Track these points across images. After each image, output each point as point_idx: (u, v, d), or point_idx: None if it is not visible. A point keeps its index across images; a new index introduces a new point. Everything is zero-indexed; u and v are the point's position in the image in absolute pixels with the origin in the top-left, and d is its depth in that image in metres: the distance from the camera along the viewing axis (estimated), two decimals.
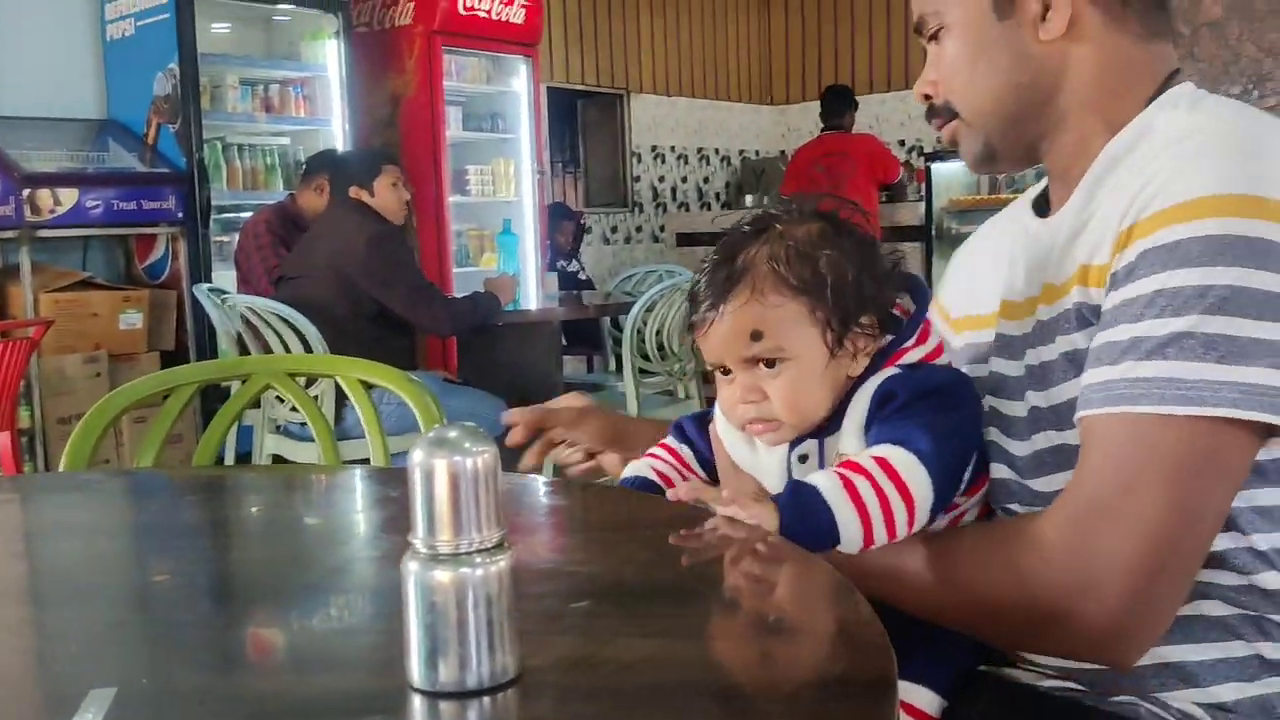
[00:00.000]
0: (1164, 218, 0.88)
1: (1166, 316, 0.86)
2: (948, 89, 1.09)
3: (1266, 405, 0.84)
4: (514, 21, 5.93)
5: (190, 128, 4.82)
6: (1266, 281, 0.84)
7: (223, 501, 1.29)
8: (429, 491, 0.63)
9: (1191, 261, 0.86)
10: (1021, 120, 1.06)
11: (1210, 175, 0.88)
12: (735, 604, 0.82)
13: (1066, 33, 1.02)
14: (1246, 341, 0.84)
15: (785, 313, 0.98)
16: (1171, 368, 0.86)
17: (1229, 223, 0.85)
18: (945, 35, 1.07)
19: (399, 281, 3.58)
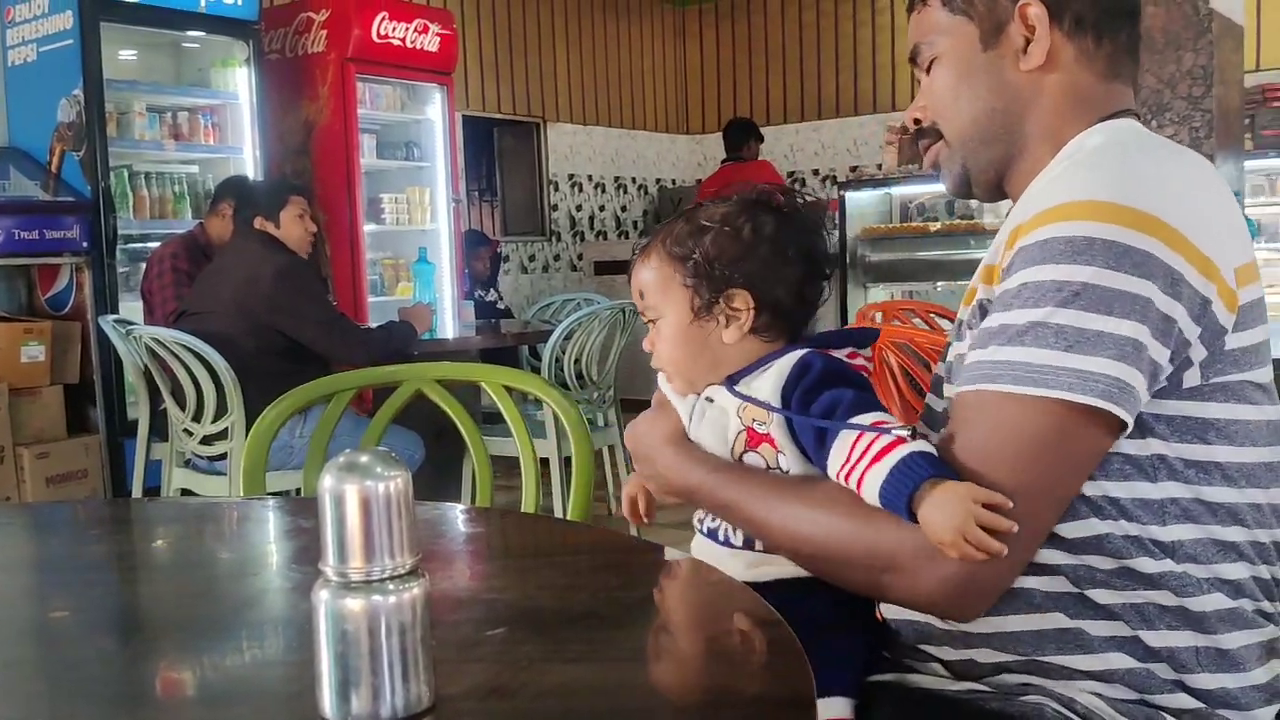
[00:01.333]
0: (1040, 219, 0.97)
1: (1029, 307, 0.95)
2: (935, 113, 1.18)
3: (1101, 392, 0.92)
4: (428, 50, 5.91)
5: (95, 155, 4.70)
6: (1118, 281, 0.92)
7: (130, 534, 1.25)
8: (340, 517, 0.62)
9: (1055, 258, 0.94)
10: (992, 143, 1.15)
11: (1084, 183, 0.97)
12: (652, 628, 0.81)
13: (1043, 64, 1.11)
14: (1093, 334, 0.92)
15: (659, 276, 1.13)
16: (1026, 353, 0.94)
17: (1092, 226, 0.94)
18: (937, 65, 1.16)
19: (309, 314, 3.52)
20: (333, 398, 1.85)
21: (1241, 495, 1.00)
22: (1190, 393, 0.98)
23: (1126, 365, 0.93)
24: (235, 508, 1.40)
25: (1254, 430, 1.01)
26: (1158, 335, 0.94)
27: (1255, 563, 1.02)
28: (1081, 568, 0.99)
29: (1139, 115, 1.16)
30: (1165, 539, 0.99)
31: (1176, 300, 0.94)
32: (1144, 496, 0.98)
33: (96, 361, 4.72)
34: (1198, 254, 0.94)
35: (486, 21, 7.73)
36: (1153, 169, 0.99)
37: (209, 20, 5.15)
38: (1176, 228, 0.94)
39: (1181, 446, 0.99)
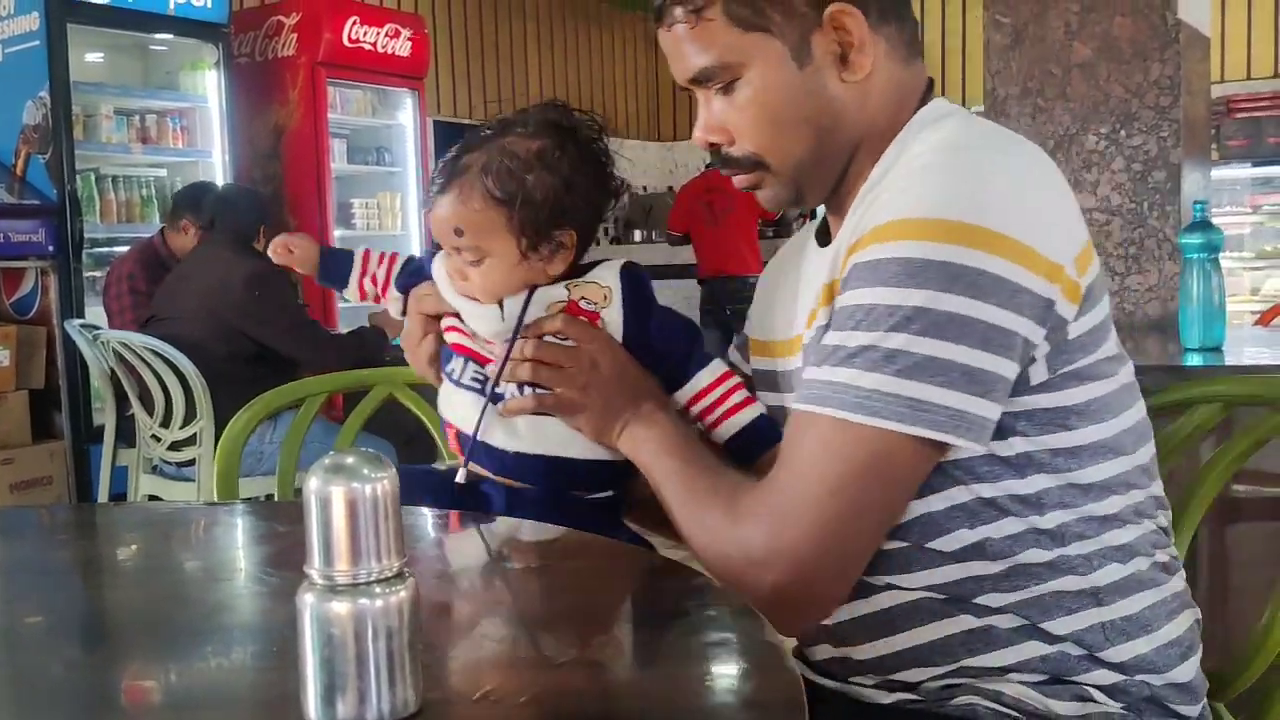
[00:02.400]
0: (873, 235, 0.95)
1: (861, 330, 0.94)
2: (752, 143, 1.08)
3: (929, 422, 0.91)
4: (399, 54, 5.89)
5: (62, 158, 4.65)
6: (952, 304, 0.90)
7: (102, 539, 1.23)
8: (325, 520, 0.61)
9: (887, 281, 0.92)
10: (827, 160, 1.09)
11: (917, 199, 0.94)
12: (640, 633, 0.81)
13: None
14: (923, 358, 0.91)
15: (484, 218, 1.12)
16: (855, 376, 0.93)
17: (924, 246, 0.91)
18: (739, 86, 1.06)
19: (279, 319, 3.49)
20: (303, 403, 1.84)
21: (1112, 468, 1.01)
22: (1041, 386, 0.97)
23: (957, 392, 0.92)
24: (209, 512, 1.38)
25: (1112, 400, 1.01)
26: (996, 350, 0.92)
27: (1139, 522, 1.04)
28: (968, 578, 1.00)
29: (932, 83, 1.13)
30: (1048, 527, 0.99)
31: (1017, 313, 0.92)
32: (1017, 493, 0.99)
33: (62, 366, 4.67)
34: (1038, 259, 0.93)
35: (458, 26, 7.71)
36: (983, 172, 0.96)
37: (178, 23, 5.11)
38: (1013, 237, 0.92)
39: (1045, 438, 0.98)
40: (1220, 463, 1.28)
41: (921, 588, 1.01)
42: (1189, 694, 1.03)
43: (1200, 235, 2.35)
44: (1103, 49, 3.12)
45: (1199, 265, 2.36)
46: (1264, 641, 1.18)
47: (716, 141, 1.10)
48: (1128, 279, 3.07)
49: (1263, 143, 5.94)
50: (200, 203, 4.07)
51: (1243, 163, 6.03)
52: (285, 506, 1.25)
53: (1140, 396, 1.07)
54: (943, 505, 0.99)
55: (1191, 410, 1.29)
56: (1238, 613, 2.33)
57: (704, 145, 1.12)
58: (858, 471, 0.94)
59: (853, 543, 0.97)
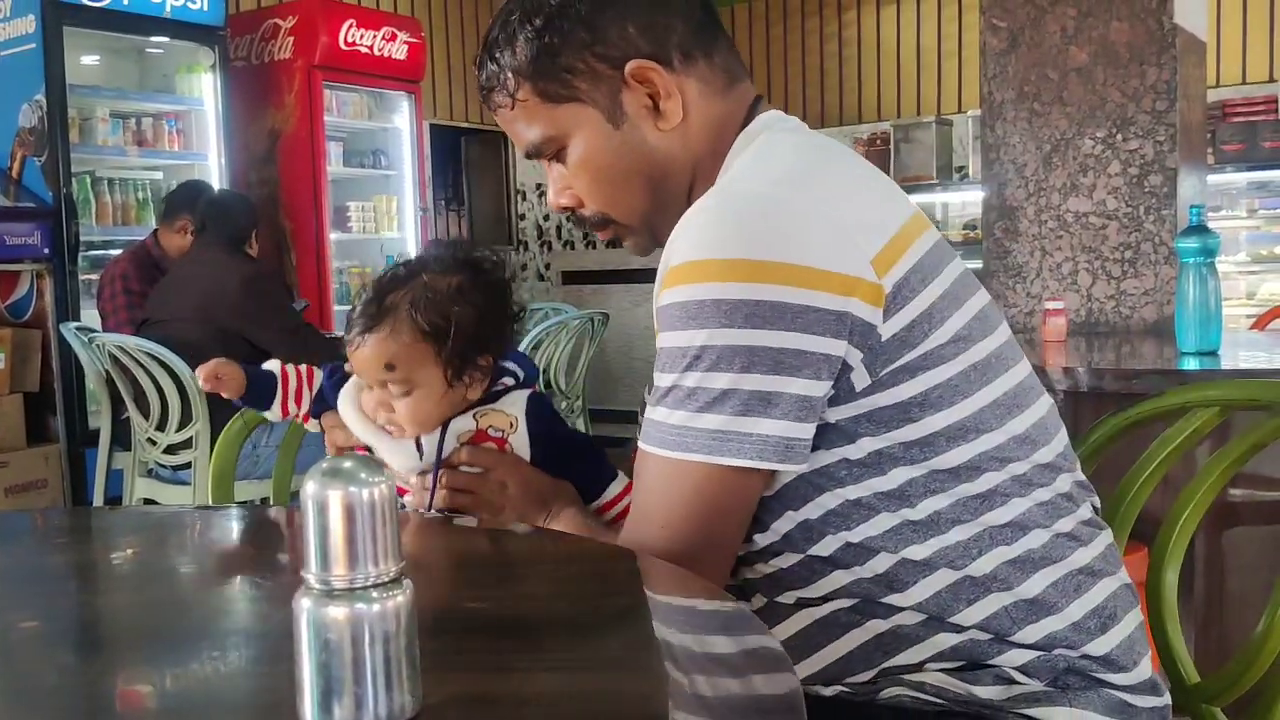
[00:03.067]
0: (664, 281, 0.99)
1: (665, 371, 0.98)
2: (593, 201, 1.15)
3: (733, 450, 0.95)
4: (396, 58, 5.89)
5: (58, 161, 4.65)
6: (735, 337, 0.93)
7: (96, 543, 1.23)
8: (323, 524, 0.61)
9: (674, 325, 0.97)
10: (669, 204, 1.12)
11: (696, 242, 0.97)
12: (634, 636, 0.80)
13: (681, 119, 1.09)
14: (718, 392, 0.94)
15: (414, 352, 1.20)
16: (666, 414, 0.98)
17: (702, 288, 0.94)
18: (569, 153, 1.12)
19: (274, 322, 3.49)
20: None
21: (975, 447, 1.00)
22: (869, 389, 0.98)
23: (757, 418, 0.94)
24: (205, 516, 1.38)
25: (960, 382, 1.00)
26: (790, 373, 0.94)
27: (1025, 493, 1.02)
28: (866, 581, 1.00)
29: (760, 97, 1.15)
30: (921, 517, 0.99)
31: (804, 332, 0.94)
32: (882, 490, 0.99)
33: (57, 369, 4.67)
34: (821, 277, 0.94)
35: (455, 30, 7.71)
36: (762, 200, 0.98)
37: (174, 26, 5.11)
38: (791, 262, 0.93)
39: (892, 434, 0.99)
40: (1217, 467, 1.28)
41: (828, 597, 1.01)
42: (1114, 664, 1.02)
43: (1196, 239, 2.36)
44: (1099, 53, 3.12)
45: (1195, 269, 2.36)
46: (1262, 646, 1.18)
47: (568, 205, 1.17)
48: (1124, 283, 3.07)
49: (1258, 147, 5.95)
50: (197, 201, 4.07)
51: (1238, 167, 6.03)
52: (281, 510, 1.24)
53: (1011, 365, 1.06)
54: (817, 513, 1.00)
55: (1189, 414, 1.29)
56: (1235, 617, 2.33)
57: (559, 210, 1.18)
58: (684, 502, 0.97)
59: (699, 563, 0.97)
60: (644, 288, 6.76)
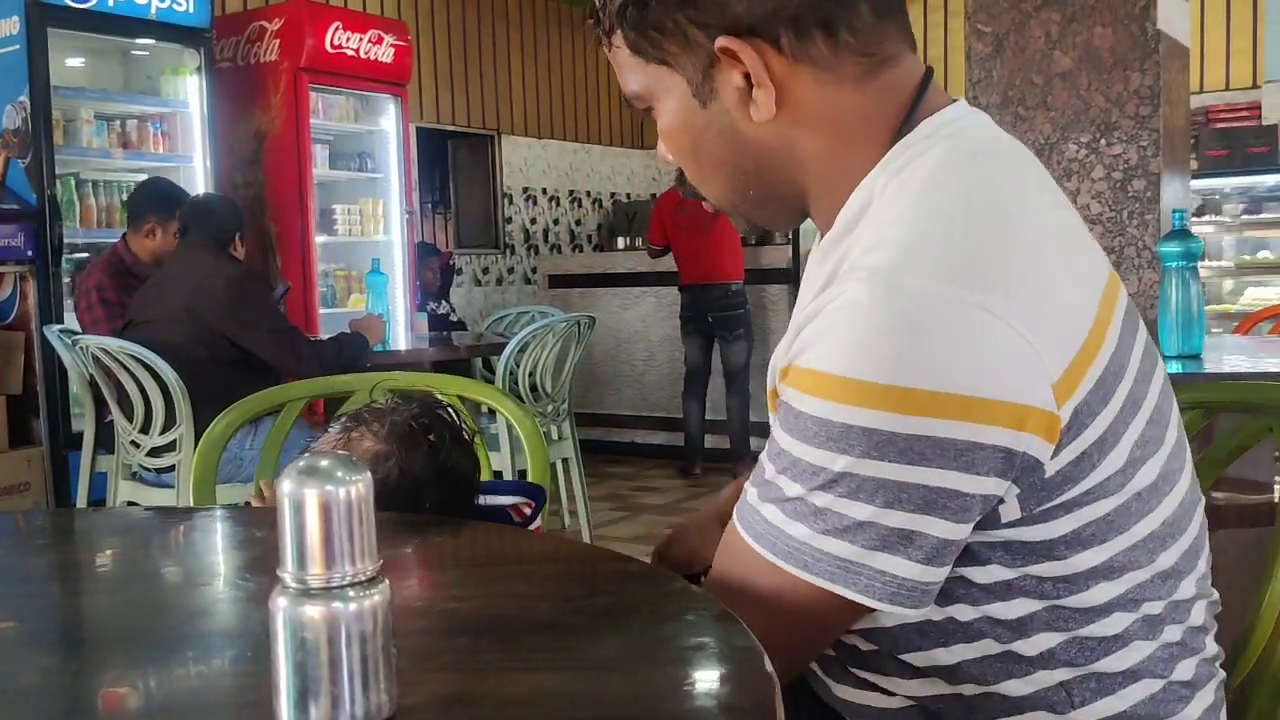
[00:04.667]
0: (801, 379, 0.84)
1: (788, 478, 0.85)
2: (686, 172, 1.00)
3: (859, 585, 0.83)
4: (383, 60, 5.88)
5: (42, 162, 4.63)
6: (882, 470, 0.80)
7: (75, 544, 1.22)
8: (299, 523, 0.61)
9: (809, 439, 0.82)
10: (764, 202, 0.98)
11: (844, 351, 0.81)
12: (614, 637, 0.80)
13: (779, 111, 0.91)
14: (853, 522, 0.82)
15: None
16: (786, 522, 0.85)
17: (849, 410, 0.80)
18: (658, 117, 0.98)
19: (259, 323, 3.47)
20: (283, 408, 1.83)
21: (1117, 587, 0.88)
22: (1017, 523, 0.85)
23: (892, 555, 0.82)
24: (185, 517, 1.37)
25: (1118, 517, 0.86)
26: (940, 514, 0.81)
27: (1152, 637, 0.90)
28: (944, 698, 0.91)
29: (928, 79, 0.94)
30: (1031, 654, 0.88)
31: (966, 471, 0.80)
32: (998, 617, 0.88)
33: (40, 372, 4.64)
34: (995, 410, 0.79)
35: (441, 33, 7.71)
36: (933, 303, 0.80)
37: (159, 28, 5.09)
38: (962, 393, 0.78)
39: (1029, 568, 0.86)
40: (1199, 471, 1.28)
41: (903, 695, 0.93)
42: None
43: (1179, 244, 2.37)
44: (1083, 59, 3.14)
45: (1178, 274, 2.37)
46: (1243, 651, 1.18)
47: (673, 163, 1.02)
48: None
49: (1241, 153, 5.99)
50: (161, 200, 4.03)
51: (1221, 172, 6.07)
52: (262, 512, 1.24)
53: (1177, 479, 0.92)
54: (916, 619, 0.89)
55: None
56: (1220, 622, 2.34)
57: (665, 163, 1.03)
58: (783, 615, 0.86)
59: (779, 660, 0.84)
60: (631, 291, 6.76)
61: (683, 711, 0.67)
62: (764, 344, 6.32)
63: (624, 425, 6.81)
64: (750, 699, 0.66)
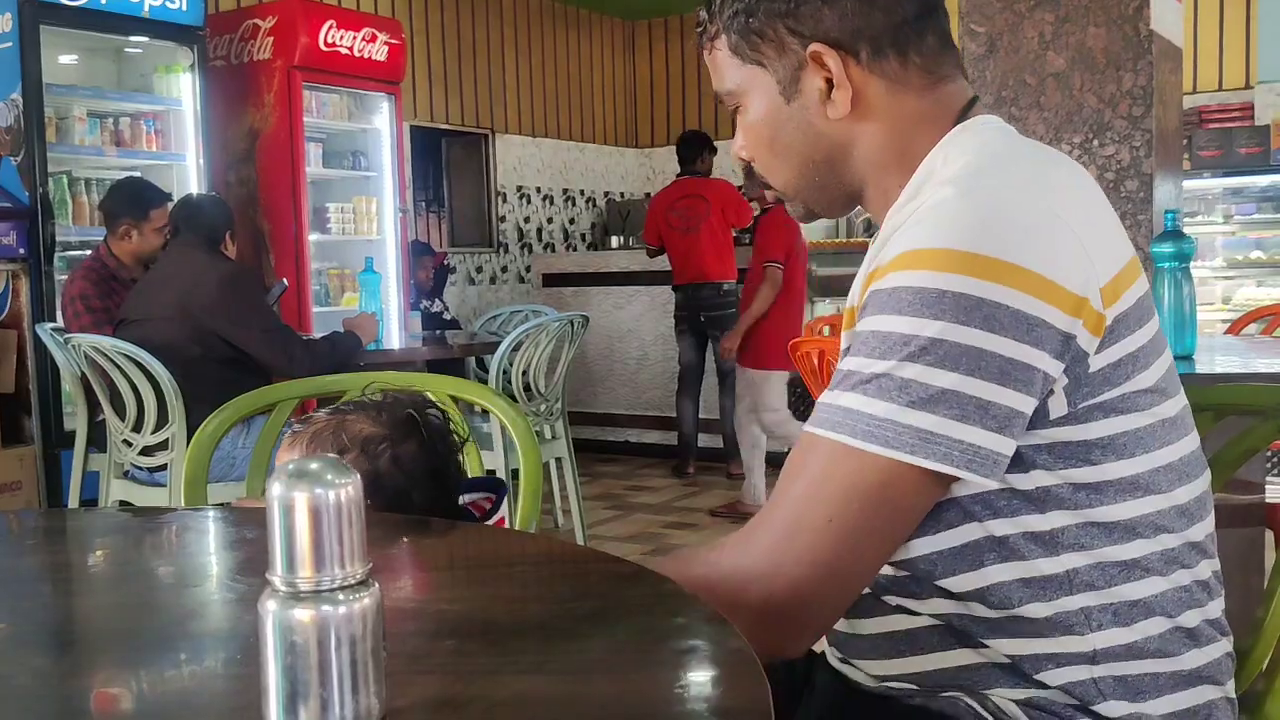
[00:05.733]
0: (893, 264, 0.94)
1: (875, 357, 0.93)
2: (757, 163, 1.16)
3: (941, 455, 0.90)
4: (376, 59, 5.87)
5: (34, 160, 4.62)
6: (968, 336, 0.89)
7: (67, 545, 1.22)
8: (288, 526, 0.60)
9: (903, 309, 0.92)
10: (826, 188, 1.13)
11: (934, 230, 0.93)
12: (604, 639, 0.80)
13: (852, 110, 1.07)
14: (938, 391, 0.90)
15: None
16: (866, 403, 0.92)
17: (942, 277, 0.90)
18: (743, 115, 1.14)
19: (252, 321, 3.47)
20: (275, 407, 1.83)
21: (1140, 506, 0.97)
22: (1062, 420, 0.95)
23: (969, 425, 0.90)
24: (177, 518, 1.37)
25: (1146, 435, 0.97)
26: (1013, 385, 0.91)
27: (1167, 572, 0.99)
28: (970, 617, 0.99)
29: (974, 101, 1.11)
30: (1055, 572, 0.97)
31: (1035, 346, 0.91)
32: (1033, 529, 0.97)
33: (33, 370, 4.63)
34: (1059, 292, 0.91)
35: (435, 32, 7.70)
36: (1000, 203, 0.95)
37: (152, 25, 5.08)
38: (1034, 270, 0.90)
39: (1067, 472, 0.96)
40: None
41: (929, 614, 1.01)
42: None
43: (1172, 244, 2.37)
44: (1077, 59, 3.14)
45: (1170, 274, 2.38)
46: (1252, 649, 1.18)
47: (744, 160, 1.18)
48: None
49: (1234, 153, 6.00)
50: (131, 201, 4.04)
51: (1214, 173, 6.08)
52: (253, 513, 1.24)
53: (1188, 431, 1.03)
54: (953, 543, 0.98)
55: None
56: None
57: (738, 160, 1.21)
58: (861, 499, 0.93)
59: (849, 571, 0.96)
60: (624, 290, 6.76)
61: (674, 715, 0.67)
62: None
63: (617, 424, 6.81)
64: (743, 701, 0.66)
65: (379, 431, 1.23)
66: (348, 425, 1.24)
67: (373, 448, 1.22)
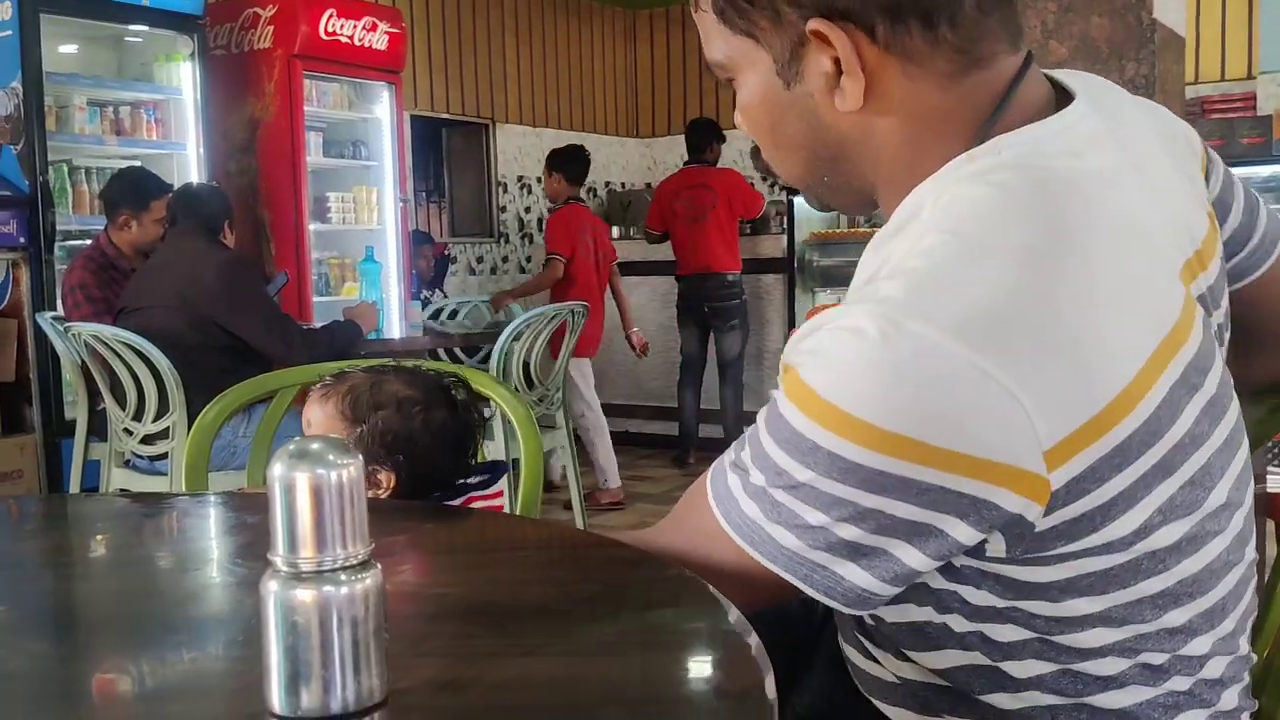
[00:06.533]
0: (791, 384, 0.81)
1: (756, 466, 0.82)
2: (761, 148, 0.98)
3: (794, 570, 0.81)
4: (377, 48, 5.86)
5: (34, 149, 4.61)
6: (837, 490, 0.78)
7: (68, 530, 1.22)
8: (290, 506, 0.60)
9: (782, 443, 0.81)
10: (837, 190, 0.96)
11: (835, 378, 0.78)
12: (606, 622, 0.80)
13: (865, 103, 0.87)
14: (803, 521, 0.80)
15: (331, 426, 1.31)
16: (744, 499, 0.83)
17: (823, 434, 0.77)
18: (739, 94, 0.95)
19: (251, 310, 3.46)
20: (276, 395, 1.83)
21: (1114, 635, 0.84)
22: (1007, 560, 0.82)
23: (840, 560, 0.80)
24: (177, 503, 1.37)
25: (1123, 573, 0.82)
26: (901, 538, 0.79)
27: (1156, 684, 0.86)
28: (930, 686, 0.91)
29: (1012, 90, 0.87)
30: (1021, 675, 0.86)
31: (930, 509, 0.77)
32: (990, 637, 0.86)
33: (33, 359, 4.63)
34: (971, 463, 0.75)
35: (436, 21, 7.68)
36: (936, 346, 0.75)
37: (152, 14, 5.07)
38: (939, 445, 0.75)
39: (1020, 604, 0.84)
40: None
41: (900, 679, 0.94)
42: None
43: None
44: (1079, 49, 3.13)
45: None
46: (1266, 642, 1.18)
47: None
48: None
49: (1236, 143, 5.98)
50: (131, 191, 4.04)
51: None
52: (254, 498, 1.24)
53: (1198, 549, 0.84)
54: (912, 618, 0.89)
55: None
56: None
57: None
58: (716, 568, 0.84)
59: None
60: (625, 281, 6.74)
61: (676, 695, 0.68)
62: (760, 334, 6.31)
63: (618, 414, 6.80)
64: (743, 683, 0.66)
65: (414, 394, 1.31)
66: (385, 384, 1.31)
67: (408, 408, 1.29)
